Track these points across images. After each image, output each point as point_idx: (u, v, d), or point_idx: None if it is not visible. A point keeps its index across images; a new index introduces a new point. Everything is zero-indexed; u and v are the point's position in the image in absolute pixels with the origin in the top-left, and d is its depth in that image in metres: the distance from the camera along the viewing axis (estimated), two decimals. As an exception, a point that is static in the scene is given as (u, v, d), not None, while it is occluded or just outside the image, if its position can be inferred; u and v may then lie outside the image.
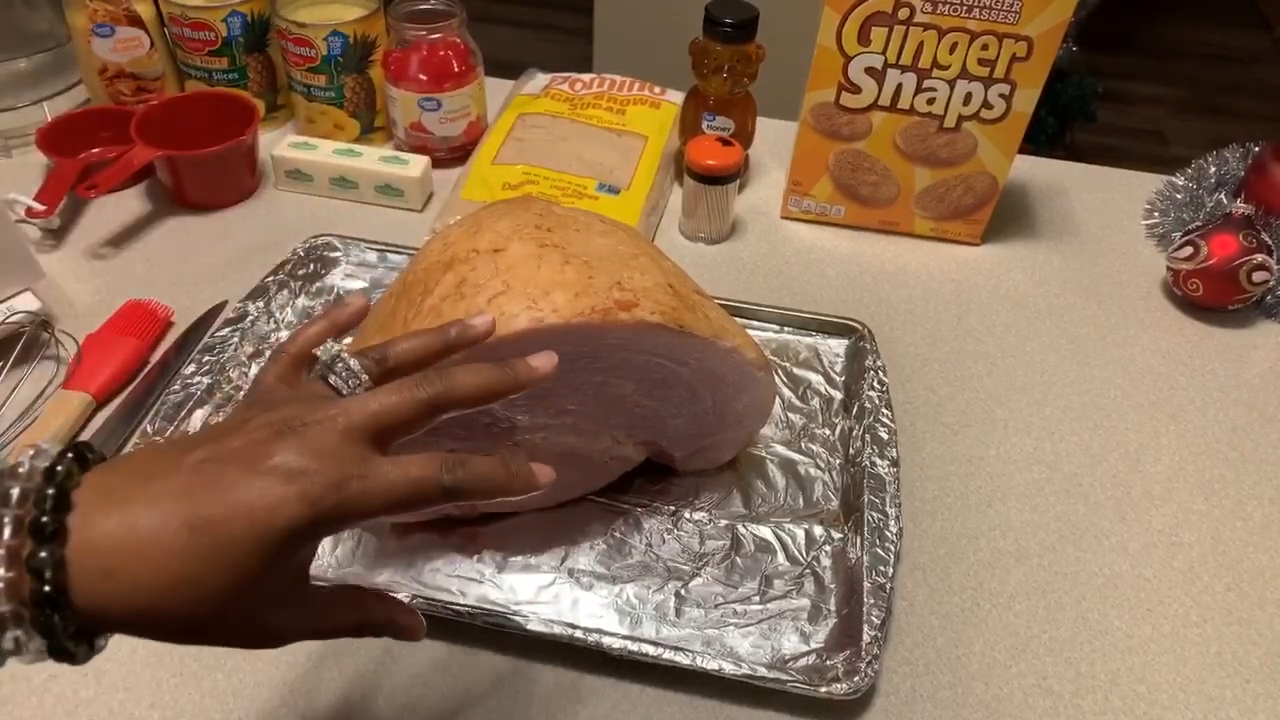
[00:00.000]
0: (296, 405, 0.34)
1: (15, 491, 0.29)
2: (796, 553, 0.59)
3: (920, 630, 0.56)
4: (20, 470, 0.30)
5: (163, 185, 0.84)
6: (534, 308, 0.47)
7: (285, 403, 0.34)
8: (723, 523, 0.60)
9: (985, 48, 0.73)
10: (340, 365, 0.37)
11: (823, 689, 0.50)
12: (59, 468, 0.30)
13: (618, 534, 0.59)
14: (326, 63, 0.85)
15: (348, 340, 0.45)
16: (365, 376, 0.37)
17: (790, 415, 0.68)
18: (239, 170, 0.84)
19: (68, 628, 0.29)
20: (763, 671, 0.51)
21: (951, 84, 0.76)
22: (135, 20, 0.85)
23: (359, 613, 0.37)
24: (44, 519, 0.29)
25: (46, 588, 0.28)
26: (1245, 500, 0.65)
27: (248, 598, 0.31)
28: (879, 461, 0.62)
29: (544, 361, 0.39)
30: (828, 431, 0.67)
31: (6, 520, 0.29)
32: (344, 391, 0.36)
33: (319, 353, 0.37)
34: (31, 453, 0.31)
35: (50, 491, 0.29)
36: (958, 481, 0.65)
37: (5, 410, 0.63)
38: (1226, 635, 0.57)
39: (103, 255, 0.78)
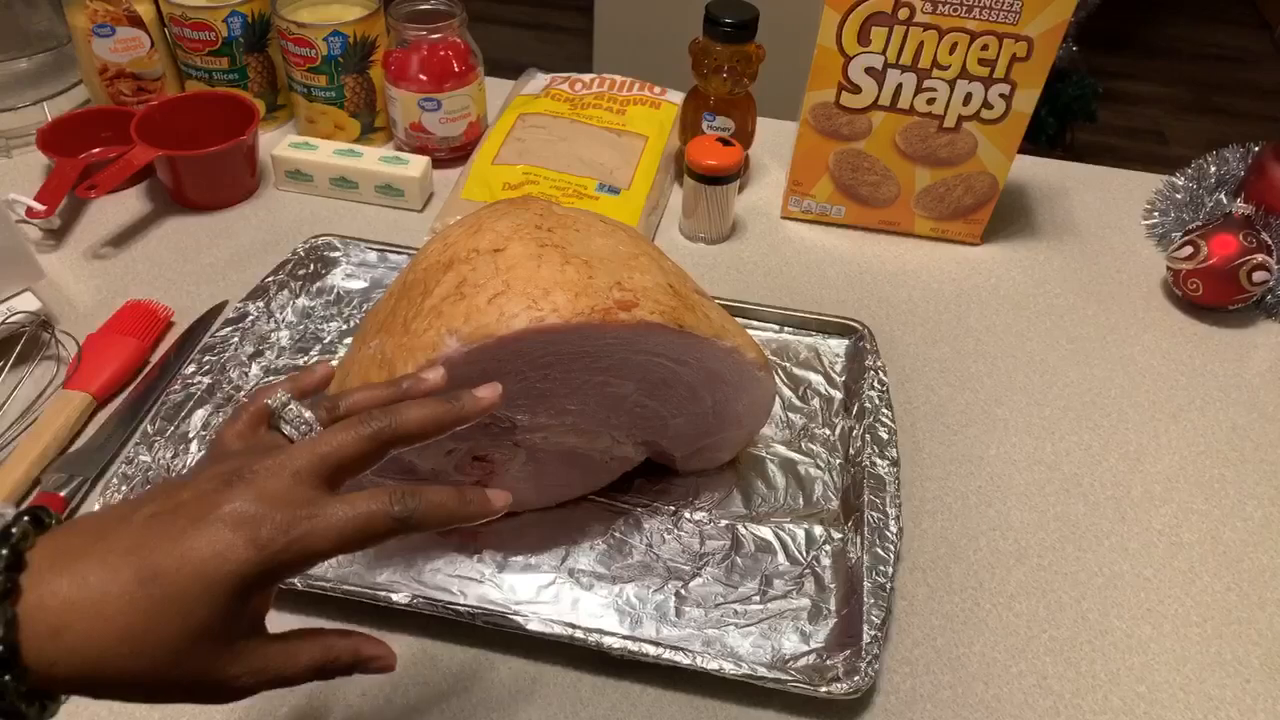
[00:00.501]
0: (247, 455, 0.34)
1: None
2: (796, 553, 0.59)
3: (920, 630, 0.56)
4: None
5: (163, 185, 0.84)
6: (534, 307, 0.47)
7: (237, 454, 0.35)
8: (723, 523, 0.60)
9: (985, 48, 0.73)
10: (291, 413, 0.37)
11: (823, 689, 0.50)
12: (14, 529, 0.30)
13: (618, 534, 0.59)
14: (326, 63, 0.85)
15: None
16: (316, 424, 0.37)
17: (790, 415, 0.68)
18: (239, 170, 0.84)
19: (19, 688, 0.29)
20: (763, 671, 0.51)
21: (951, 84, 0.76)
22: (135, 20, 0.85)
23: (322, 650, 0.36)
24: None
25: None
26: (1245, 500, 0.65)
27: (201, 650, 0.31)
28: (879, 461, 0.62)
29: (488, 392, 0.39)
30: (828, 431, 0.67)
31: None
32: (295, 439, 0.36)
33: (269, 401, 0.37)
34: None
35: (3, 552, 0.29)
36: (958, 481, 0.65)
37: (5, 410, 0.63)
38: (1226, 635, 0.57)
39: (103, 255, 0.78)
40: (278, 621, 0.54)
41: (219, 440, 0.37)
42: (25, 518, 0.31)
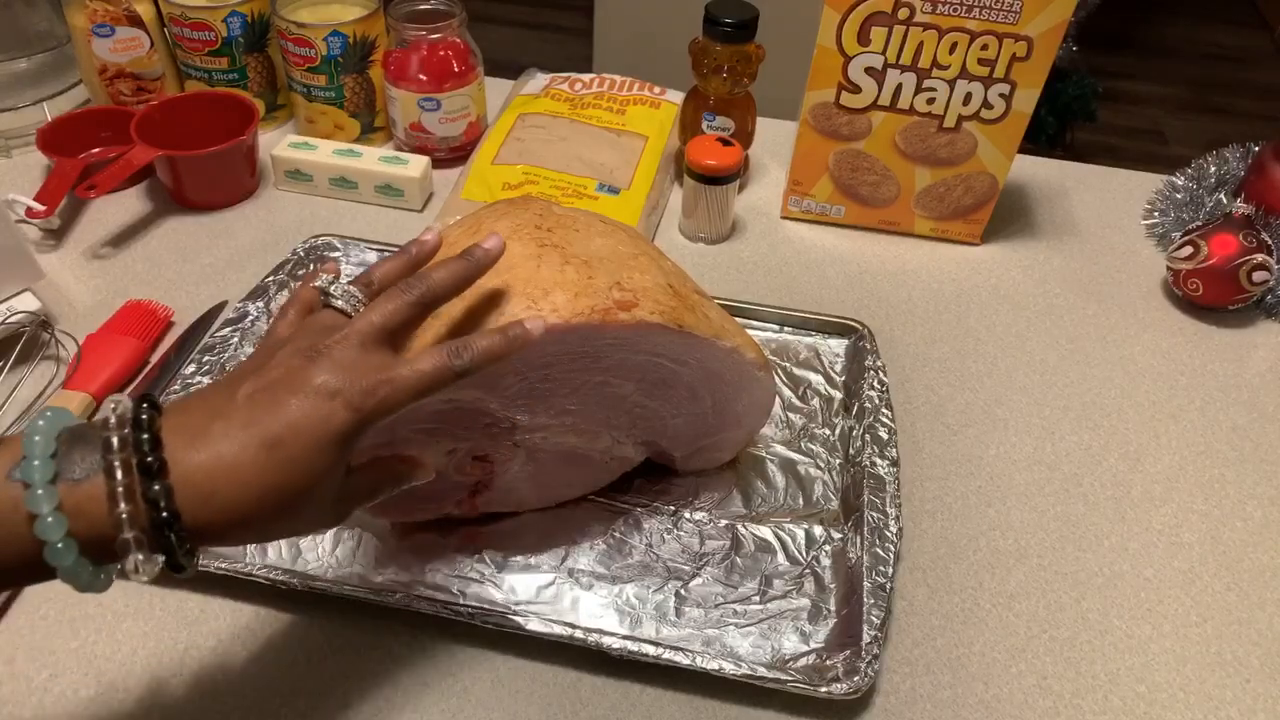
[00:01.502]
0: (315, 333, 0.40)
1: (114, 439, 0.34)
2: (796, 553, 0.59)
3: (920, 630, 0.56)
4: (110, 422, 0.35)
5: (163, 185, 0.84)
6: (534, 308, 0.47)
7: (305, 333, 0.40)
8: (723, 523, 0.60)
9: (985, 48, 0.73)
10: (339, 288, 0.43)
11: (823, 689, 0.50)
12: (143, 415, 0.35)
13: (618, 534, 0.59)
14: (326, 63, 0.85)
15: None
16: (362, 297, 0.43)
17: (790, 415, 0.68)
18: (239, 170, 0.84)
19: (183, 545, 0.35)
20: (763, 671, 0.51)
21: (951, 84, 0.76)
22: (135, 20, 0.85)
23: (378, 474, 0.44)
24: (149, 458, 0.34)
25: (164, 514, 0.34)
26: (1245, 500, 0.65)
27: (319, 490, 0.38)
28: (879, 461, 0.62)
29: (494, 242, 0.45)
30: (828, 431, 0.67)
31: (117, 464, 0.34)
32: (349, 312, 0.42)
33: (319, 284, 0.43)
34: (113, 405, 0.36)
35: (145, 435, 0.35)
36: (958, 481, 0.65)
37: (5, 410, 0.63)
38: (1226, 635, 0.57)
39: (103, 255, 0.78)
40: (276, 619, 0.54)
41: (272, 332, 0.43)
42: (144, 404, 0.36)
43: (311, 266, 0.76)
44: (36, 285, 0.71)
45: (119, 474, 0.34)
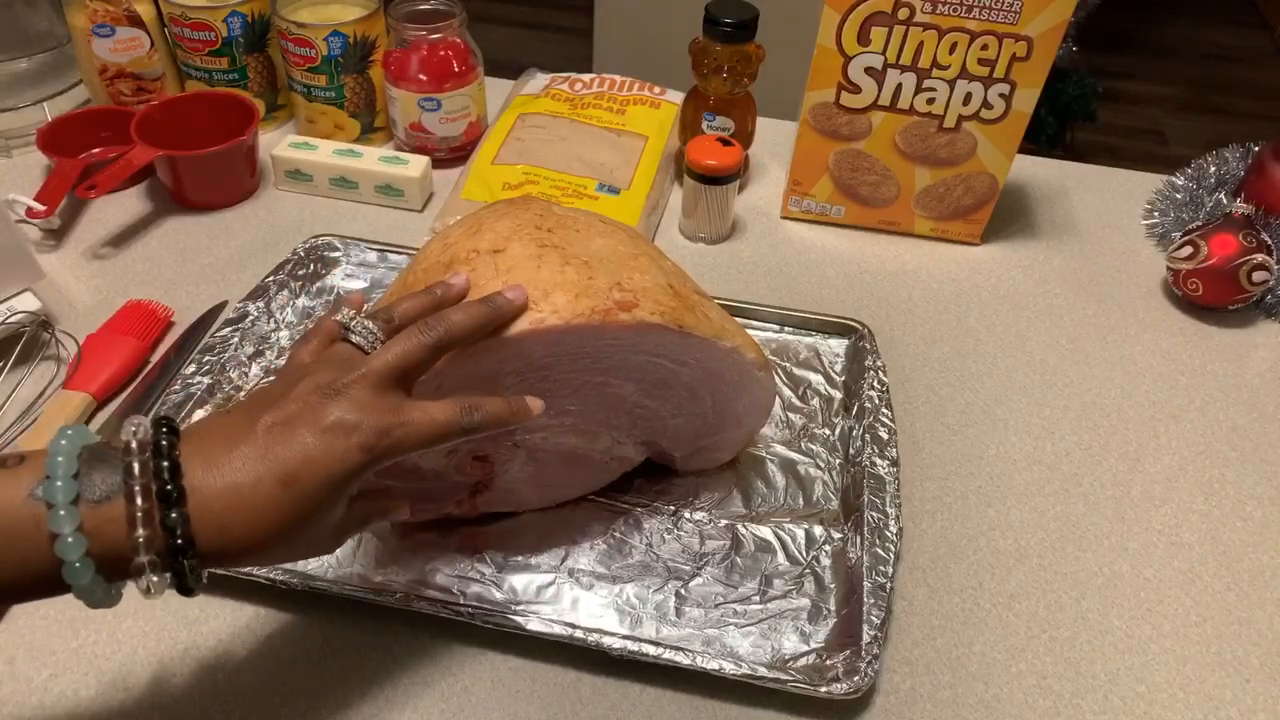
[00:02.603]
0: (333, 369, 0.41)
1: (135, 464, 0.36)
2: (796, 553, 0.59)
3: (920, 630, 0.56)
4: (131, 445, 0.36)
5: (163, 185, 0.84)
6: (534, 308, 0.47)
7: (324, 367, 0.41)
8: (723, 523, 0.60)
9: (985, 48, 0.73)
10: (358, 325, 0.44)
11: (823, 689, 0.50)
12: (164, 442, 0.36)
13: (618, 534, 0.59)
14: (326, 63, 0.85)
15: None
16: (379, 334, 0.44)
17: (790, 415, 0.68)
18: (239, 170, 0.84)
19: (195, 570, 0.36)
20: (763, 671, 0.51)
21: (951, 84, 0.76)
22: (135, 20, 0.85)
23: (370, 509, 0.46)
24: (168, 486, 0.35)
25: (179, 540, 0.35)
26: (1245, 500, 0.65)
27: (330, 524, 0.40)
28: (879, 461, 0.62)
29: (516, 294, 0.46)
30: (828, 431, 0.67)
31: (137, 489, 0.35)
32: (366, 348, 0.44)
33: (340, 318, 0.45)
34: (133, 428, 0.37)
35: (165, 463, 0.36)
36: (958, 481, 0.65)
37: (5, 410, 0.63)
38: (1226, 635, 0.57)
39: (103, 255, 0.78)
40: (274, 619, 0.54)
41: (294, 358, 0.44)
42: (164, 428, 0.37)
43: (312, 267, 0.76)
44: (37, 285, 0.71)
45: (139, 499, 0.35)
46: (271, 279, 0.73)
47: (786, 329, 0.74)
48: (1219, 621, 0.58)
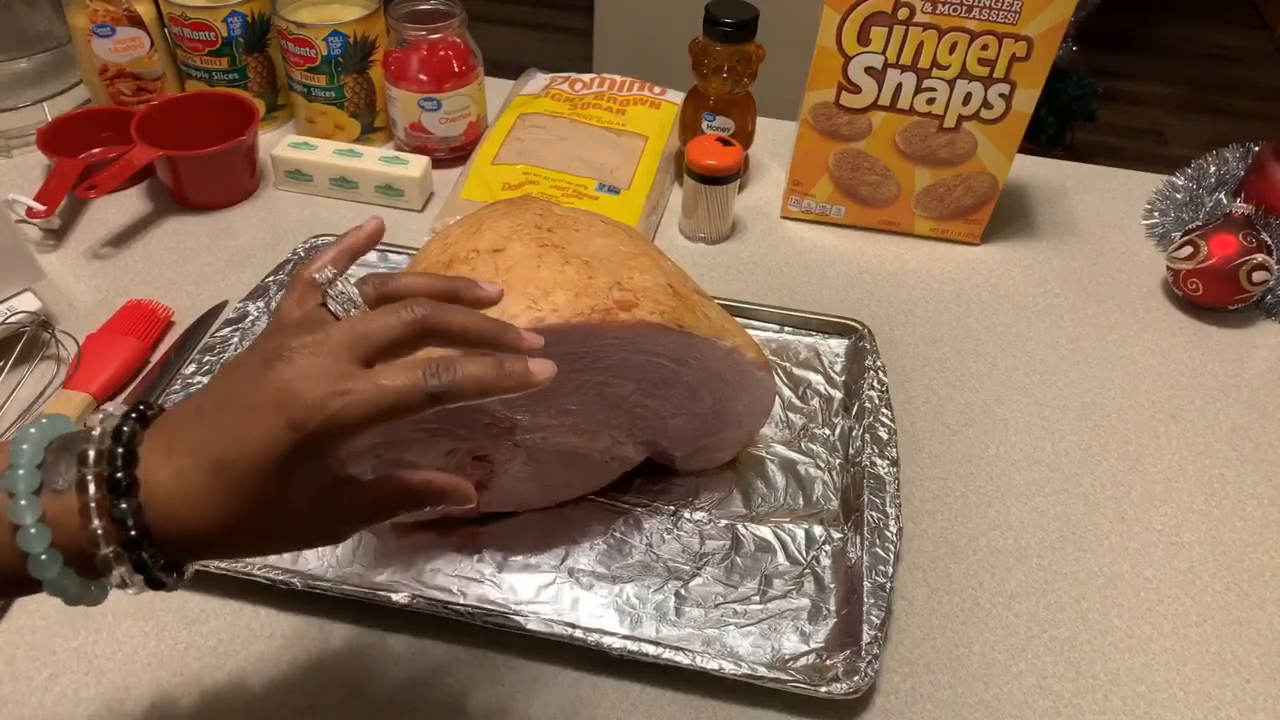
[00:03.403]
0: (289, 332, 0.35)
1: (91, 452, 0.33)
2: (796, 553, 0.59)
3: (920, 630, 0.56)
4: (94, 433, 0.34)
5: (163, 185, 0.84)
6: (534, 308, 0.47)
7: (283, 331, 0.36)
8: (723, 523, 0.60)
9: (985, 48, 0.73)
10: (336, 289, 0.38)
11: (823, 689, 0.50)
12: (124, 428, 0.34)
13: (618, 534, 0.59)
14: (326, 63, 0.85)
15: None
16: (361, 301, 0.38)
17: (790, 415, 0.68)
18: (239, 170, 0.84)
19: (157, 562, 0.33)
20: (763, 671, 0.51)
21: (951, 84, 0.76)
22: (135, 20, 0.85)
23: (403, 493, 0.38)
24: (118, 475, 0.33)
25: (132, 532, 0.32)
26: (1245, 500, 0.65)
27: (285, 513, 0.34)
28: (879, 461, 0.62)
29: (534, 339, 0.39)
30: (828, 431, 0.67)
31: (89, 477, 0.33)
32: (340, 315, 0.37)
33: (316, 276, 0.38)
34: (101, 416, 0.34)
35: (119, 450, 0.33)
36: (958, 481, 0.65)
37: (5, 410, 0.63)
38: (1226, 635, 0.57)
39: (103, 255, 0.78)
40: (274, 619, 0.54)
41: (278, 309, 0.39)
42: (133, 415, 0.34)
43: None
44: (37, 285, 0.71)
45: (91, 488, 0.32)
46: (271, 279, 0.73)
47: (786, 329, 0.74)
48: (1219, 621, 0.58)
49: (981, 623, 0.57)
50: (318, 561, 0.56)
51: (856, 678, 0.50)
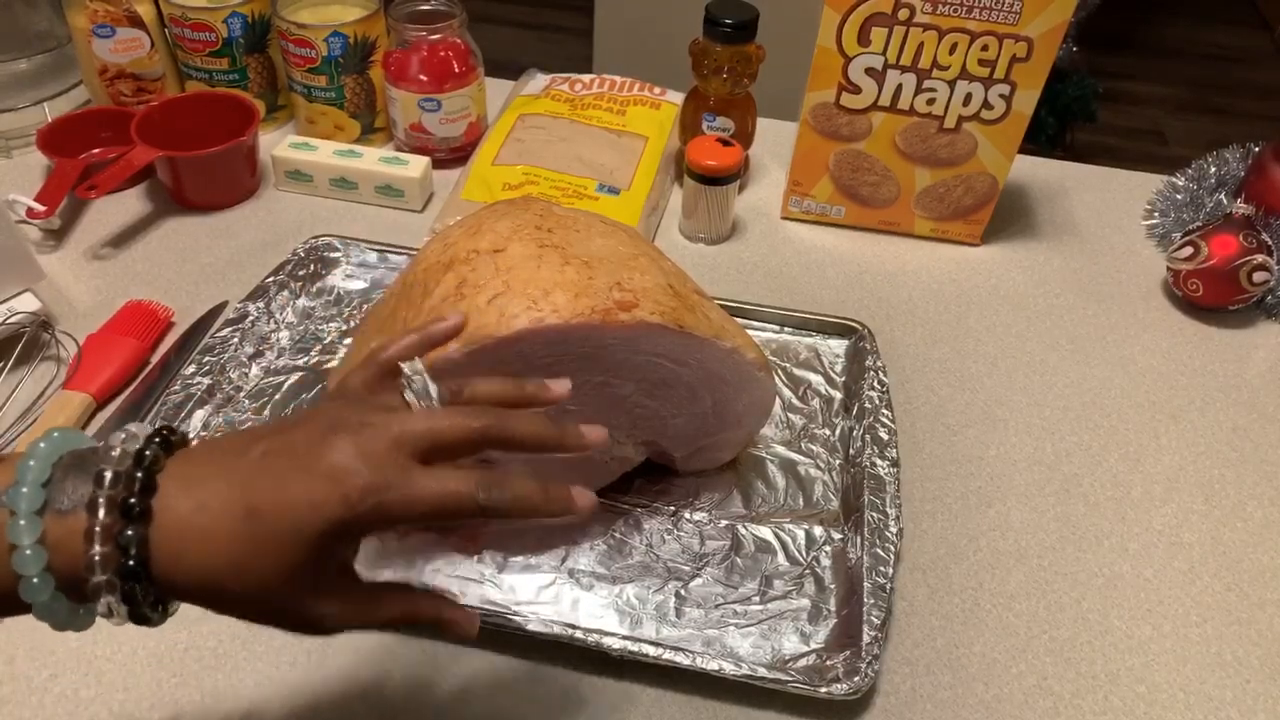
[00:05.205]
0: (362, 408, 0.36)
1: (109, 474, 0.32)
2: (796, 553, 0.59)
3: (920, 630, 0.56)
4: (113, 453, 0.33)
5: (163, 185, 0.84)
6: (534, 308, 0.47)
7: (355, 404, 0.37)
8: (723, 523, 0.60)
9: (985, 48, 0.73)
10: (418, 383, 0.39)
11: (823, 689, 0.50)
12: (147, 452, 0.33)
13: (618, 534, 0.59)
14: (327, 63, 0.85)
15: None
16: (437, 397, 0.39)
17: (790, 415, 0.68)
18: (239, 170, 0.84)
19: (147, 597, 0.32)
20: (763, 672, 0.51)
21: (951, 84, 0.76)
22: (135, 21, 0.85)
23: (406, 607, 0.38)
24: (132, 500, 0.32)
25: (131, 562, 0.31)
26: (1245, 500, 0.65)
27: (290, 584, 0.33)
28: (879, 461, 0.62)
29: (596, 434, 0.40)
30: (828, 432, 0.67)
31: (101, 500, 0.32)
32: (414, 407, 0.38)
33: (404, 367, 0.39)
34: (123, 436, 0.33)
35: (139, 475, 0.32)
36: (958, 481, 0.65)
37: (5, 411, 0.63)
38: (1226, 635, 0.57)
39: (103, 255, 0.78)
40: (278, 622, 0.54)
41: (345, 383, 0.40)
42: (156, 440, 0.34)
43: (312, 267, 0.76)
44: (37, 285, 0.71)
45: (101, 511, 0.32)
46: (271, 279, 0.73)
47: (786, 329, 0.74)
48: (1219, 621, 0.58)
49: (981, 623, 0.57)
50: (318, 562, 0.56)
51: (856, 678, 0.50)
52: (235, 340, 0.68)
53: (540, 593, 0.56)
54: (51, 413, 0.63)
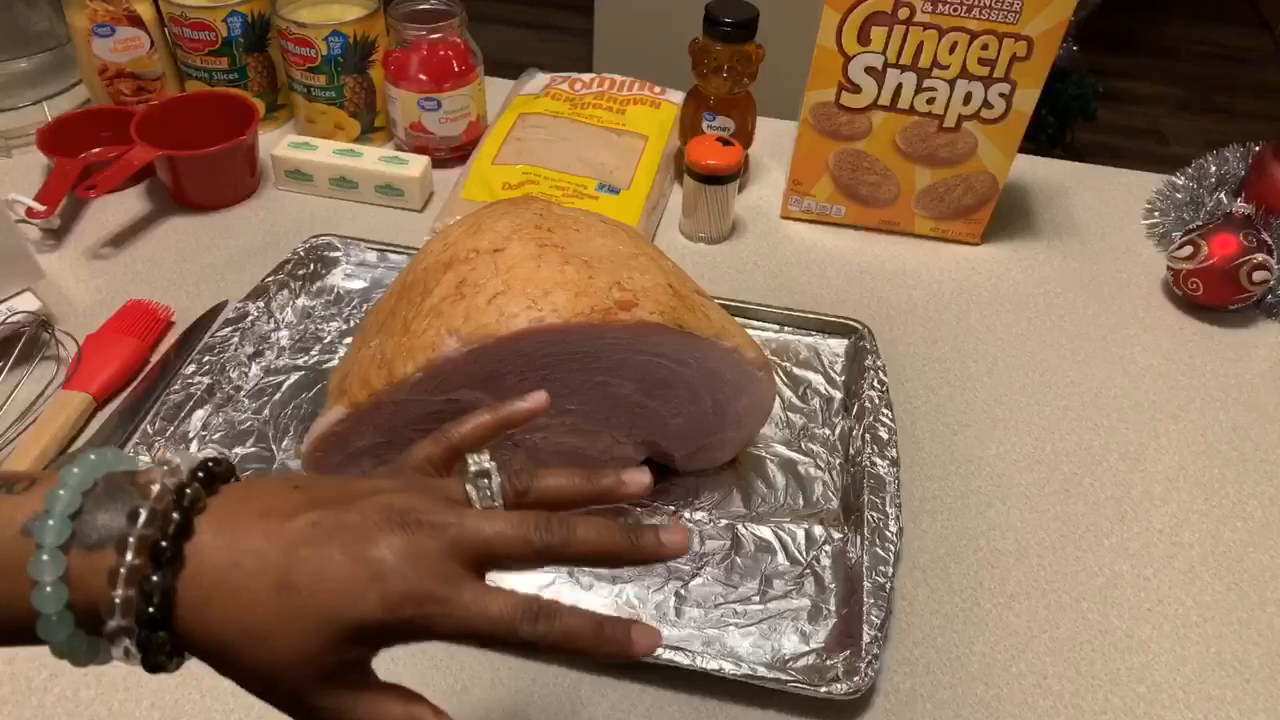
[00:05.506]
0: (423, 498, 0.34)
1: (144, 511, 0.30)
2: (796, 553, 0.59)
3: (920, 630, 0.56)
4: (153, 489, 0.31)
5: (163, 185, 0.84)
6: (534, 307, 0.47)
7: (416, 490, 0.34)
8: (723, 523, 0.60)
9: (985, 47, 0.73)
10: (484, 481, 0.36)
11: (823, 689, 0.50)
12: (188, 490, 0.31)
13: (618, 534, 0.59)
14: (326, 63, 0.85)
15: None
16: (501, 497, 0.36)
17: (790, 415, 0.68)
18: (239, 170, 0.84)
19: (164, 646, 0.30)
20: (763, 671, 0.51)
21: (951, 84, 0.76)
22: (135, 20, 0.85)
23: (408, 713, 0.34)
24: (164, 543, 0.30)
25: (152, 609, 0.29)
26: (1245, 500, 0.65)
27: (303, 668, 0.31)
28: (879, 461, 0.62)
29: (677, 537, 0.36)
30: (828, 431, 0.67)
31: (132, 540, 0.29)
32: (475, 503, 0.36)
33: (470, 461, 0.36)
34: (165, 468, 0.31)
35: (175, 516, 0.30)
36: (958, 481, 0.65)
37: (5, 411, 0.63)
38: (1226, 635, 0.57)
39: (103, 255, 0.78)
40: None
41: (410, 456, 0.37)
42: (200, 474, 0.32)
43: (312, 267, 0.76)
44: (36, 285, 0.71)
45: (130, 553, 0.29)
46: (271, 279, 0.73)
47: (786, 329, 0.74)
48: (1219, 621, 0.58)
49: (981, 623, 0.57)
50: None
51: (856, 678, 0.50)
52: (235, 340, 0.68)
53: (540, 593, 0.56)
54: (51, 413, 0.63)
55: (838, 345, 0.73)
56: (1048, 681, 0.54)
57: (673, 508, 0.61)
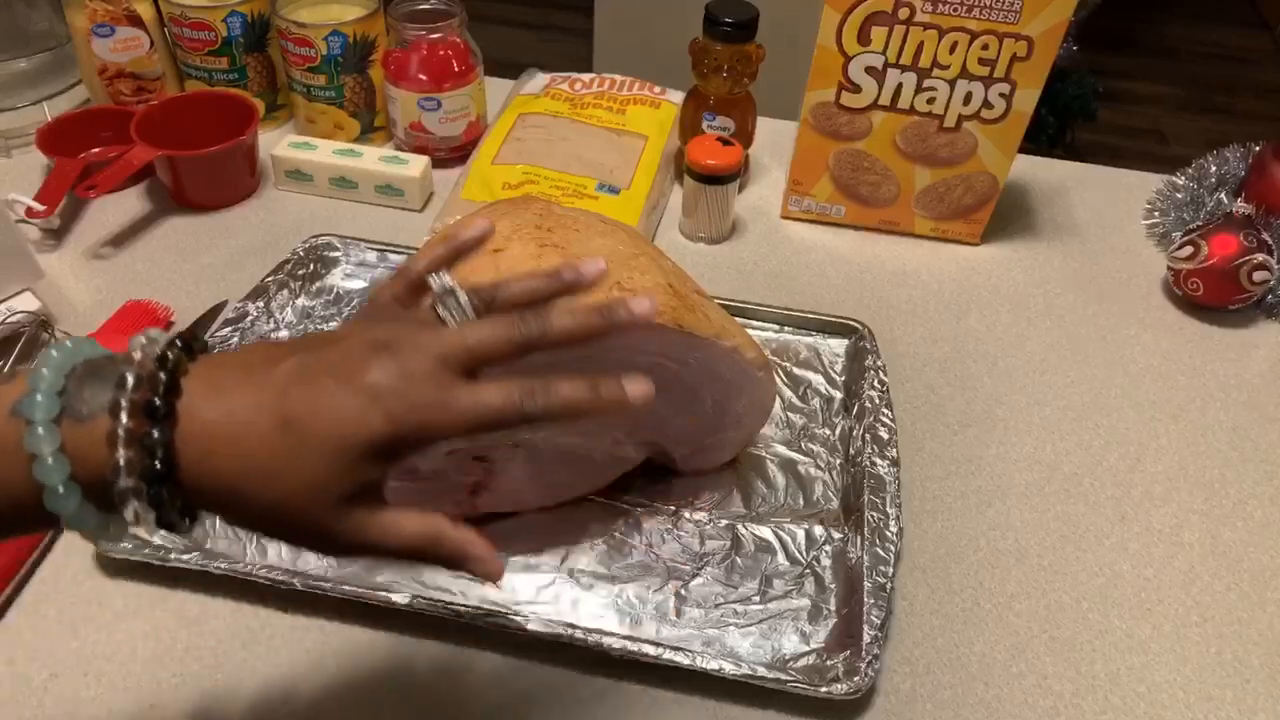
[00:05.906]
0: (400, 327, 0.36)
1: (130, 376, 0.31)
2: (796, 553, 0.59)
3: (920, 630, 0.56)
4: (134, 357, 0.32)
5: (163, 185, 0.84)
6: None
7: (391, 323, 0.36)
8: (723, 523, 0.60)
9: (985, 47, 0.73)
10: (451, 299, 0.38)
11: (823, 689, 0.50)
12: (169, 355, 0.32)
13: (618, 534, 0.59)
14: (326, 63, 0.85)
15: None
16: (472, 313, 0.38)
17: (790, 415, 0.68)
18: (239, 170, 0.84)
19: (174, 501, 0.32)
20: (763, 671, 0.51)
21: (952, 84, 0.76)
22: (135, 20, 0.85)
23: (428, 533, 0.35)
24: (156, 401, 0.31)
25: (157, 464, 0.31)
26: (1245, 500, 0.65)
27: (317, 498, 0.33)
28: (879, 461, 0.62)
29: (641, 306, 0.38)
30: (828, 431, 0.67)
31: (124, 403, 0.31)
32: (449, 323, 0.38)
33: (432, 282, 0.38)
34: (143, 340, 0.32)
35: (162, 377, 0.31)
36: (958, 481, 0.65)
37: (5, 410, 0.63)
38: (1226, 635, 0.57)
39: (103, 255, 0.78)
40: (276, 619, 0.54)
41: (376, 298, 0.39)
42: (178, 343, 0.33)
43: (312, 267, 0.76)
44: (36, 285, 0.71)
45: (124, 415, 0.31)
46: (271, 279, 0.73)
47: (786, 329, 0.74)
48: (1219, 621, 0.58)
49: (981, 623, 0.57)
50: (318, 562, 0.56)
51: (857, 678, 0.50)
52: (235, 340, 0.68)
53: (540, 592, 0.56)
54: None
55: (838, 345, 0.73)
56: (1048, 681, 0.54)
57: (673, 508, 0.61)
